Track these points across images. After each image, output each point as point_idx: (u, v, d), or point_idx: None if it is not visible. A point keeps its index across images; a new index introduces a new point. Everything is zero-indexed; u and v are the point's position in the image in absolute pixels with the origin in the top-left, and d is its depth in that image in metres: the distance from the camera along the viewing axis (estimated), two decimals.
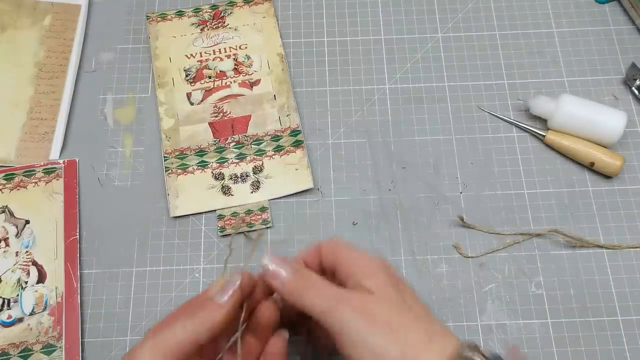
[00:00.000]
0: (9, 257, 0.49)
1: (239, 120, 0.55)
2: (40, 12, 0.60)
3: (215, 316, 0.32)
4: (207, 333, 0.32)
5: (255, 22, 0.60)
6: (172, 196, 0.52)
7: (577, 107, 0.52)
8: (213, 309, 0.32)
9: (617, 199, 0.52)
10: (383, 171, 0.53)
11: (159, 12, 0.61)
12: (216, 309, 0.32)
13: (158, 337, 0.31)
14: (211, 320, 0.32)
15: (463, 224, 0.50)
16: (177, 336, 0.31)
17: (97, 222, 0.51)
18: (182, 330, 0.31)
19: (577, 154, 0.52)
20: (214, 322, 0.32)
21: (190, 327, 0.31)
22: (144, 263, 0.50)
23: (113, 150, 0.54)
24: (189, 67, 0.58)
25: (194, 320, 0.32)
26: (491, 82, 0.57)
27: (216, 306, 0.32)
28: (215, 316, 0.32)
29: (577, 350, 0.46)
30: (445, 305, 0.48)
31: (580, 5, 0.61)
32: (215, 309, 0.32)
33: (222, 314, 0.32)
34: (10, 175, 0.52)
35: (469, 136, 0.55)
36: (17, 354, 0.46)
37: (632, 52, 0.58)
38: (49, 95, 0.56)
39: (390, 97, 0.56)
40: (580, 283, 0.48)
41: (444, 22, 0.60)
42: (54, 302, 0.47)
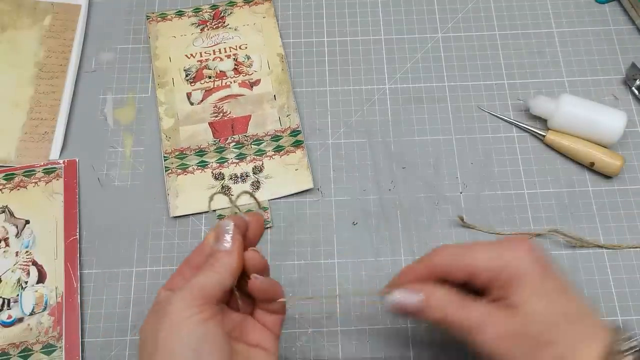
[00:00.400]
0: (9, 257, 0.49)
1: (239, 120, 0.55)
2: (40, 12, 0.60)
3: (231, 262, 0.34)
4: (230, 278, 0.34)
5: (255, 22, 0.60)
6: (172, 196, 0.52)
7: (577, 107, 0.52)
8: (226, 256, 0.35)
9: (617, 199, 0.52)
10: (383, 171, 0.53)
11: (159, 12, 0.61)
12: (227, 256, 0.35)
13: (188, 287, 0.33)
14: (229, 266, 0.34)
15: (463, 224, 0.50)
16: (206, 284, 0.33)
17: (97, 222, 0.51)
18: (207, 279, 0.34)
19: (577, 154, 0.52)
20: (231, 267, 0.34)
21: (213, 276, 0.34)
22: (144, 263, 0.50)
23: (113, 150, 0.54)
24: (189, 67, 0.58)
25: (215, 269, 0.34)
26: (491, 82, 0.57)
27: (227, 253, 0.35)
28: (231, 262, 0.34)
29: None
30: None
31: (580, 5, 0.61)
32: (227, 256, 0.35)
33: (234, 259, 0.35)
34: (10, 175, 0.52)
35: (469, 136, 0.55)
36: (17, 354, 0.46)
37: (632, 52, 0.58)
38: (49, 95, 0.56)
39: (390, 97, 0.56)
40: (580, 283, 0.48)
41: (444, 22, 0.60)
42: (54, 302, 0.47)
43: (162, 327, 0.32)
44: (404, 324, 0.47)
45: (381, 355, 0.46)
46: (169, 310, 0.32)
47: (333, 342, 0.47)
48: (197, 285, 0.33)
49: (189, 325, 0.32)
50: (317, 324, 0.47)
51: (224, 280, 0.34)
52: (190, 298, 0.33)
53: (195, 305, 0.32)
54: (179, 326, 0.32)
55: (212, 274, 0.34)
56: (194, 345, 0.31)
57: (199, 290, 0.33)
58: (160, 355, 0.31)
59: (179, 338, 0.32)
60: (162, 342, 0.32)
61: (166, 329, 0.32)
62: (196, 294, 0.33)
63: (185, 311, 0.32)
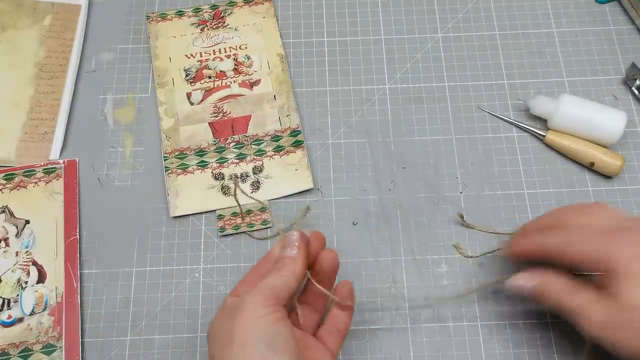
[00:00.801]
0: (9, 257, 0.49)
1: (239, 120, 0.55)
2: (40, 12, 0.60)
3: (296, 267, 0.37)
4: (295, 281, 0.37)
5: (255, 22, 0.60)
6: (172, 196, 0.52)
7: (577, 107, 0.52)
8: (291, 262, 0.38)
9: (617, 199, 0.52)
10: (383, 171, 0.53)
11: (159, 12, 0.61)
12: (292, 261, 0.38)
13: (261, 287, 0.36)
14: (294, 271, 0.37)
15: (463, 223, 0.51)
16: (275, 285, 0.36)
17: (97, 222, 0.51)
18: (276, 281, 0.36)
19: (577, 154, 0.52)
20: (296, 272, 0.37)
21: (281, 279, 0.37)
22: (144, 263, 0.50)
23: (113, 150, 0.54)
24: (189, 67, 0.58)
25: (281, 273, 0.37)
26: (491, 82, 0.57)
27: (291, 259, 0.38)
28: (296, 267, 0.37)
29: (577, 351, 0.46)
30: (445, 305, 0.48)
31: (580, 5, 0.61)
32: (292, 262, 0.38)
33: (299, 265, 0.38)
34: (10, 175, 0.52)
35: (469, 136, 0.55)
36: (17, 354, 0.46)
37: (632, 52, 0.58)
38: (49, 95, 0.56)
39: (390, 97, 0.56)
40: None
41: (444, 22, 0.60)
42: (54, 302, 0.47)
43: (237, 323, 0.35)
44: (404, 324, 0.47)
45: (381, 355, 0.46)
46: (242, 308, 0.35)
47: None
48: (267, 286, 0.36)
49: (264, 323, 0.34)
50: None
51: (289, 283, 0.37)
52: (262, 298, 0.35)
53: (268, 305, 0.35)
54: (254, 323, 0.34)
55: (279, 277, 0.37)
56: (268, 340, 0.34)
57: (269, 290, 0.36)
58: (236, 347, 0.34)
59: (255, 333, 0.34)
60: (238, 336, 0.34)
61: (241, 324, 0.34)
62: (267, 294, 0.35)
63: (259, 310, 0.35)
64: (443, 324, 0.47)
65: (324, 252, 0.41)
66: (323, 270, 0.41)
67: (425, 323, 0.47)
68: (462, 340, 0.47)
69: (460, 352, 0.46)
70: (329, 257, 0.41)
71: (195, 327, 0.47)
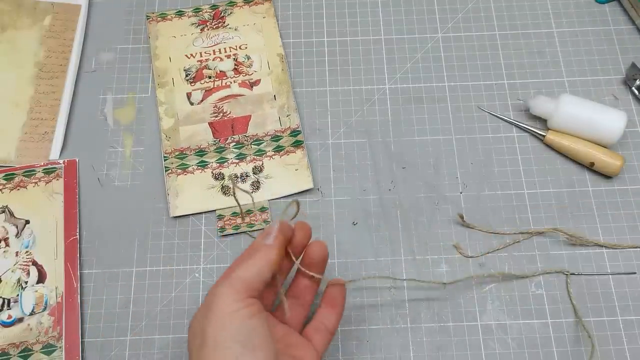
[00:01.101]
0: (9, 257, 0.49)
1: (239, 120, 0.55)
2: (40, 12, 0.60)
3: (270, 254, 0.37)
4: (267, 268, 0.36)
5: (255, 22, 0.60)
6: (172, 196, 0.52)
7: (577, 107, 0.52)
8: (264, 249, 0.37)
9: (617, 199, 0.52)
10: (383, 171, 0.53)
11: (159, 12, 0.61)
12: (267, 249, 0.37)
13: (231, 278, 0.35)
14: (267, 259, 0.37)
15: (463, 223, 0.51)
16: (245, 275, 0.36)
17: (97, 222, 0.51)
18: (246, 271, 0.36)
19: (577, 154, 0.52)
20: (269, 259, 0.37)
21: (252, 268, 0.36)
22: (144, 263, 0.50)
23: (113, 150, 0.54)
24: (189, 67, 0.58)
25: (254, 261, 0.37)
26: (491, 82, 0.57)
27: (266, 247, 0.37)
28: (269, 254, 0.37)
29: (577, 350, 0.46)
30: (445, 305, 0.48)
31: (580, 5, 0.61)
32: (267, 249, 0.37)
33: (273, 252, 0.37)
34: (10, 175, 0.52)
35: (469, 136, 0.55)
36: (17, 354, 0.46)
37: (632, 52, 0.58)
38: (49, 95, 0.56)
39: (390, 97, 0.56)
40: (580, 283, 0.48)
41: (444, 22, 0.60)
42: (54, 302, 0.47)
43: (209, 322, 0.34)
44: (404, 324, 0.47)
45: (381, 355, 0.46)
46: (214, 304, 0.34)
47: (333, 342, 0.47)
48: (238, 278, 0.35)
49: (237, 319, 0.34)
50: None
51: (262, 272, 0.36)
52: (233, 291, 0.35)
53: (240, 298, 0.34)
54: (226, 320, 0.34)
55: (250, 267, 0.36)
56: (242, 338, 0.33)
57: (241, 282, 0.35)
58: (208, 348, 0.33)
59: (227, 331, 0.33)
60: (211, 336, 0.33)
61: (213, 323, 0.34)
62: (238, 287, 0.35)
63: (231, 305, 0.34)
64: (443, 324, 0.47)
65: (313, 243, 0.41)
66: (312, 261, 0.40)
67: (425, 323, 0.47)
68: (462, 340, 0.47)
69: (460, 352, 0.46)
70: (317, 247, 0.40)
71: None
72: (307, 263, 0.41)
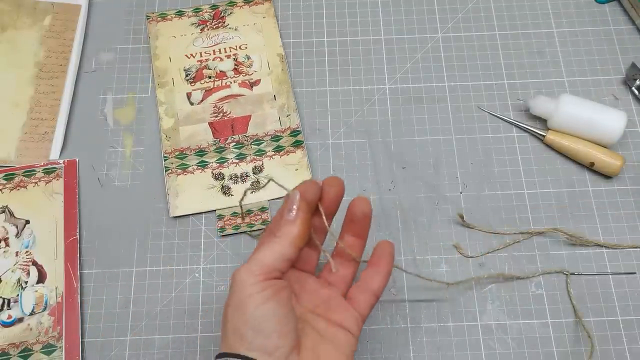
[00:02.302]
0: (9, 257, 0.49)
1: (239, 120, 0.55)
2: (40, 12, 0.60)
3: (292, 231, 0.35)
4: (291, 247, 0.35)
5: (255, 22, 0.60)
6: (172, 196, 0.52)
7: (577, 107, 0.52)
8: (287, 225, 0.35)
9: (617, 199, 0.52)
10: (383, 171, 0.53)
11: (159, 12, 0.61)
12: (289, 224, 0.35)
13: (250, 262, 0.34)
14: (290, 236, 0.35)
15: (463, 223, 0.51)
16: (264, 257, 0.34)
17: (97, 222, 0.51)
18: (266, 252, 0.34)
19: (577, 154, 0.52)
20: (292, 237, 0.35)
21: (273, 248, 0.35)
22: (144, 263, 0.50)
23: (113, 150, 0.54)
24: (189, 67, 0.58)
25: (276, 240, 0.35)
26: (491, 82, 0.57)
27: (288, 222, 0.35)
28: (291, 231, 0.35)
29: (577, 350, 0.46)
30: (445, 305, 0.48)
31: (580, 5, 0.61)
32: (289, 225, 0.35)
33: (296, 226, 0.35)
34: (10, 175, 0.52)
35: (469, 136, 0.55)
36: (17, 354, 0.46)
37: (632, 52, 0.58)
38: (49, 95, 0.56)
39: (390, 97, 0.56)
40: (580, 283, 0.48)
41: (444, 22, 0.60)
42: (54, 302, 0.47)
43: (229, 307, 0.34)
44: (404, 324, 0.47)
45: (381, 356, 0.46)
46: (233, 289, 0.34)
47: None
48: (256, 261, 0.34)
49: (251, 305, 0.33)
50: None
51: (283, 250, 0.35)
52: (250, 275, 0.34)
53: (256, 281, 0.33)
54: (240, 305, 0.33)
55: (272, 245, 0.35)
56: (254, 324, 0.33)
57: (258, 265, 0.34)
58: (228, 330, 0.34)
59: (241, 317, 0.33)
60: (229, 320, 0.34)
61: (232, 307, 0.34)
62: (255, 270, 0.34)
63: (247, 289, 0.33)
64: (443, 324, 0.47)
65: (355, 200, 0.38)
66: (356, 218, 0.38)
67: (425, 323, 0.47)
68: (462, 340, 0.47)
69: (460, 352, 0.46)
70: (359, 204, 0.38)
71: (195, 327, 0.47)
72: (349, 220, 0.39)
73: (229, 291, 0.35)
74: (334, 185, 0.38)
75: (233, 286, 0.34)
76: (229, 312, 0.34)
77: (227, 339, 0.34)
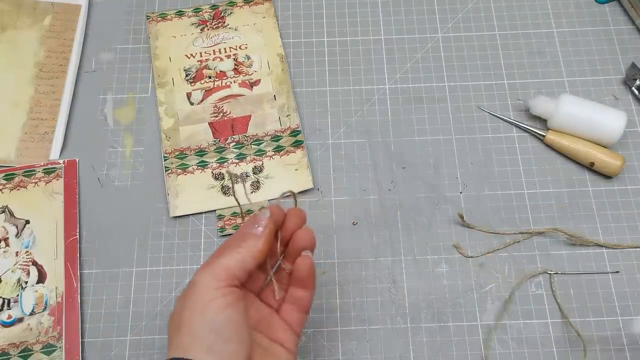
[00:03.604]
0: (9, 257, 0.49)
1: (239, 120, 0.55)
2: (40, 12, 0.60)
3: (257, 244, 0.36)
4: (252, 260, 0.36)
5: (256, 22, 0.60)
6: (172, 196, 0.52)
7: (577, 107, 0.52)
8: (253, 239, 0.36)
9: (617, 199, 0.52)
10: (383, 171, 0.53)
11: (159, 12, 0.61)
12: (255, 238, 0.36)
13: (213, 266, 0.35)
14: (254, 249, 0.36)
15: (463, 223, 0.51)
16: (229, 264, 0.35)
17: (97, 222, 0.51)
18: (231, 259, 0.35)
19: (577, 154, 0.52)
20: (255, 250, 0.36)
21: (236, 256, 0.35)
22: (144, 263, 0.50)
23: (113, 150, 0.54)
24: (189, 67, 0.58)
25: (239, 250, 0.36)
26: (491, 82, 0.57)
27: (255, 236, 0.36)
28: (256, 244, 0.36)
29: (577, 350, 0.46)
30: (445, 305, 0.48)
31: (580, 5, 0.61)
32: (254, 238, 0.36)
33: (261, 241, 0.36)
34: (10, 175, 0.52)
35: (469, 136, 0.55)
36: (17, 354, 0.46)
37: (632, 52, 0.58)
38: (49, 95, 0.56)
39: (390, 97, 0.56)
40: (580, 283, 0.48)
41: (444, 22, 0.60)
42: (54, 302, 0.47)
43: (188, 308, 0.34)
44: (404, 324, 0.47)
45: (381, 356, 0.46)
46: (194, 291, 0.34)
47: (333, 342, 0.47)
48: (220, 265, 0.35)
49: (213, 309, 0.33)
50: (317, 324, 0.47)
51: (246, 261, 0.35)
52: (214, 279, 0.34)
53: (219, 286, 0.34)
54: (203, 308, 0.34)
55: (235, 254, 0.35)
56: (216, 327, 0.33)
57: (222, 270, 0.35)
58: (184, 333, 0.33)
59: (202, 320, 0.33)
60: (187, 322, 0.34)
61: (190, 309, 0.34)
62: (219, 274, 0.34)
63: (210, 293, 0.34)
64: (443, 324, 0.47)
65: (300, 230, 0.39)
66: (296, 249, 0.39)
67: (425, 323, 0.47)
68: (462, 340, 0.47)
69: (460, 352, 0.46)
70: (303, 235, 0.39)
71: None
72: (293, 250, 0.39)
73: (187, 292, 0.35)
74: (296, 216, 0.39)
75: (194, 287, 0.34)
76: (187, 313, 0.34)
77: (181, 340, 0.33)
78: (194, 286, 0.34)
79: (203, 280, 0.34)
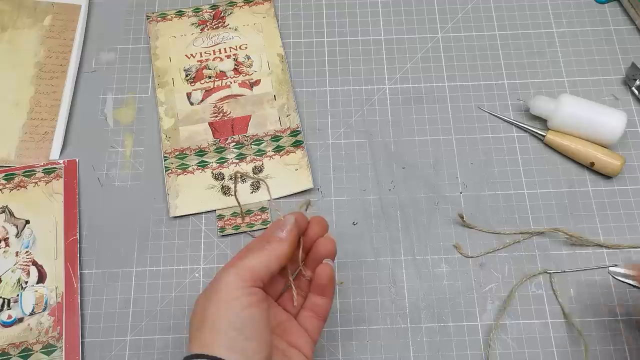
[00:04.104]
0: (9, 257, 0.49)
1: (239, 120, 0.55)
2: (40, 12, 0.60)
3: (281, 247, 0.37)
4: (276, 262, 0.37)
5: (256, 23, 0.60)
6: (172, 196, 0.52)
7: (577, 107, 0.52)
8: (277, 242, 0.37)
9: (617, 199, 0.52)
10: (383, 171, 0.53)
11: (159, 12, 0.61)
12: (279, 241, 0.37)
13: (238, 266, 0.36)
14: (278, 252, 0.37)
15: (463, 223, 0.51)
16: (253, 264, 0.36)
17: (97, 222, 0.51)
18: (255, 260, 0.36)
19: (577, 154, 0.52)
20: (280, 252, 0.37)
21: (261, 258, 0.36)
22: (144, 263, 0.50)
23: (113, 150, 0.54)
24: (189, 67, 0.58)
25: (264, 252, 0.37)
26: (491, 82, 0.57)
27: (279, 239, 0.37)
28: (281, 247, 0.37)
29: (577, 350, 0.46)
30: (445, 305, 0.48)
31: (580, 5, 0.61)
32: (279, 242, 0.37)
33: (285, 245, 0.37)
34: (10, 175, 0.52)
35: (469, 136, 0.55)
36: (17, 354, 0.46)
37: (632, 52, 0.58)
38: (49, 95, 0.56)
39: (390, 97, 0.56)
40: (580, 283, 0.48)
41: (444, 22, 0.60)
42: (54, 302, 0.47)
43: (211, 304, 0.34)
44: (404, 324, 0.47)
45: (381, 356, 0.46)
46: (217, 289, 0.35)
47: (333, 342, 0.47)
48: (245, 266, 0.36)
49: (237, 307, 0.34)
50: None
51: (270, 264, 0.36)
52: (238, 278, 0.35)
53: (243, 286, 0.35)
54: (227, 306, 0.34)
55: (260, 257, 0.36)
56: (239, 325, 0.34)
57: (247, 270, 0.35)
58: (206, 328, 0.34)
59: (226, 317, 0.34)
60: (210, 318, 0.34)
61: (214, 306, 0.34)
62: (243, 275, 0.35)
63: (233, 292, 0.34)
64: (443, 324, 0.47)
65: (322, 239, 0.40)
66: (317, 257, 0.40)
67: (425, 323, 0.47)
68: (462, 340, 0.47)
69: (460, 352, 0.46)
70: (325, 244, 0.40)
71: None
72: (314, 258, 0.40)
73: (210, 290, 0.35)
74: (319, 224, 0.40)
75: (218, 286, 0.35)
76: (210, 311, 0.34)
77: (203, 336, 0.34)
78: (218, 284, 0.35)
79: (227, 279, 0.35)
